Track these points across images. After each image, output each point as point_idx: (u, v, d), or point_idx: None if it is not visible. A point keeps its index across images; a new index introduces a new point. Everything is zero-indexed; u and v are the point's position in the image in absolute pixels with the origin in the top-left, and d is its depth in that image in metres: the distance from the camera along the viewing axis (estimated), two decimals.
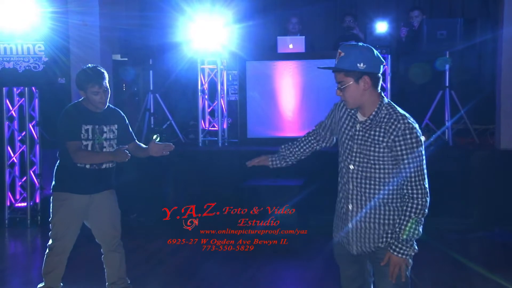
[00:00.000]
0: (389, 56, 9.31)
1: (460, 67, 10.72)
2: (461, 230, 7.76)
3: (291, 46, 9.67)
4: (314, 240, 7.32)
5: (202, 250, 7.15)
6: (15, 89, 8.53)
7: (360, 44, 3.53)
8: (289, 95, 9.41)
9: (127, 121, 5.12)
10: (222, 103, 9.70)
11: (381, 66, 3.46)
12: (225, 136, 9.63)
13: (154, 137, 5.08)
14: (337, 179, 3.76)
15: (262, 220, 7.50)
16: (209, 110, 9.84)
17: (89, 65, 4.96)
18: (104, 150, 4.90)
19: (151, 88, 10.19)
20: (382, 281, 3.49)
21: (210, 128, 9.81)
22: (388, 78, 9.22)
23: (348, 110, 3.57)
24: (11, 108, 8.55)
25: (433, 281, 5.88)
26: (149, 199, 8.55)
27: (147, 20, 11.37)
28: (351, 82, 3.40)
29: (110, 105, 5.04)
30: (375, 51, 3.44)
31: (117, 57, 10.32)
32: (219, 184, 8.34)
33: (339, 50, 3.47)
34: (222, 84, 9.73)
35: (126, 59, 10.53)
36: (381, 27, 9.89)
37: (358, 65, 3.36)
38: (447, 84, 9.16)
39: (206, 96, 9.80)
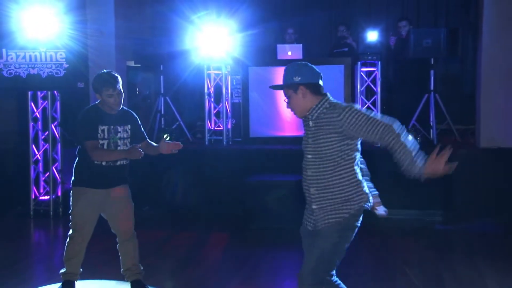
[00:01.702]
0: (379, 62, 9.32)
1: (444, 72, 10.73)
2: (444, 222, 7.82)
3: (289, 53, 9.69)
4: None
5: (207, 241, 7.22)
6: (39, 93, 8.52)
7: (298, 62, 3.81)
8: None
9: (139, 121, 5.09)
10: (227, 105, 9.69)
11: (317, 76, 3.70)
12: (229, 136, 9.62)
13: (165, 136, 5.12)
14: None
15: (262, 213, 7.61)
16: (214, 111, 9.79)
17: (104, 70, 4.96)
18: (119, 148, 4.88)
19: (162, 92, 10.22)
20: (313, 248, 3.65)
21: (215, 128, 9.77)
22: (378, 83, 9.24)
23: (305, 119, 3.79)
24: (35, 110, 8.55)
25: (420, 268, 5.85)
26: (159, 193, 8.57)
27: (158, 30, 11.42)
28: (291, 93, 3.70)
29: (124, 107, 5.03)
30: (309, 65, 3.75)
31: (131, 63, 10.35)
32: (224, 179, 8.36)
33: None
34: (226, 88, 9.72)
35: (139, 65, 10.55)
36: (372, 36, 9.93)
37: (294, 78, 3.67)
38: (432, 88, 9.18)
39: (212, 99, 9.77)
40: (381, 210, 3.84)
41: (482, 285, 5.40)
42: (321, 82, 3.72)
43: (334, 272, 3.71)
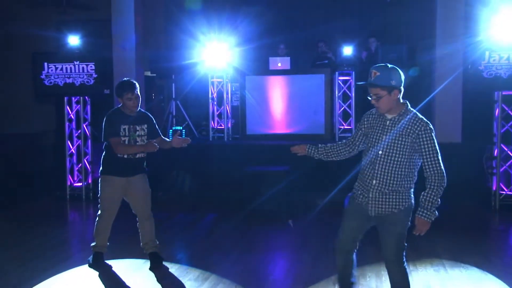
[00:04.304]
0: (354, 72, 9.38)
1: (406, 80, 10.79)
2: None
3: (279, 64, 9.70)
4: (297, 212, 7.33)
5: (211, 220, 7.24)
6: (73, 98, 8.54)
7: (390, 65, 3.55)
8: (279, 101, 9.42)
9: (154, 121, 5.09)
10: (227, 108, 9.71)
11: (403, 82, 3.51)
12: (229, 133, 9.63)
13: (178, 132, 5.13)
14: (313, 168, 3.90)
15: (257, 197, 7.65)
16: (217, 113, 9.82)
17: (125, 78, 4.98)
18: (138, 143, 4.90)
19: (173, 97, 10.25)
20: (388, 237, 3.58)
21: (218, 127, 9.79)
22: (353, 89, 9.29)
23: (377, 114, 3.62)
24: (70, 112, 8.57)
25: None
26: (172, 181, 8.59)
27: (171, 45, 11.46)
28: (385, 95, 3.46)
29: (141, 109, 5.04)
30: (399, 71, 3.51)
31: (148, 73, 10.35)
32: (225, 170, 8.37)
33: (373, 71, 3.50)
34: (227, 93, 9.75)
35: (155, 74, 10.57)
36: (347, 50, 9.95)
37: (391, 82, 3.44)
38: None
39: (215, 102, 9.79)
40: None
41: (435, 252, 5.46)
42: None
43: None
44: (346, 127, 9.38)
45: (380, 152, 3.52)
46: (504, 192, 7.52)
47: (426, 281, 4.65)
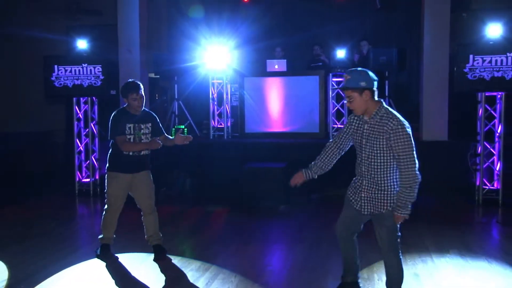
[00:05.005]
0: None
1: (396, 82, 10.78)
2: None
3: (276, 66, 9.69)
4: (293, 206, 7.37)
5: (211, 215, 7.21)
6: (81, 99, 8.53)
7: (360, 69, 3.57)
8: (276, 101, 9.41)
9: (158, 120, 5.09)
10: (227, 108, 9.70)
11: (375, 83, 3.50)
12: (229, 131, 9.63)
13: (180, 130, 5.10)
14: (308, 164, 3.90)
15: (255, 192, 7.67)
16: (217, 112, 9.81)
17: (130, 80, 4.99)
18: (142, 141, 4.90)
19: (176, 97, 10.23)
20: (380, 230, 3.62)
21: (218, 126, 9.78)
22: None
23: (357, 118, 3.62)
24: (78, 112, 8.57)
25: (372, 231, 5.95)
26: (174, 177, 8.55)
27: (173, 49, 11.46)
28: (357, 96, 3.47)
29: (146, 109, 5.04)
30: (370, 73, 3.51)
31: (152, 75, 10.35)
32: (225, 166, 8.36)
33: (345, 75, 3.53)
34: (227, 94, 9.74)
35: (158, 76, 10.58)
36: (340, 53, 9.99)
37: (361, 83, 3.45)
38: (386, 94, 9.28)
39: (215, 103, 9.77)
40: None
41: (422, 243, 5.49)
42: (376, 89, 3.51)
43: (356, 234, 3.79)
44: (339, 125, 9.39)
45: (363, 155, 3.54)
46: (487, 187, 7.56)
47: (414, 270, 4.67)
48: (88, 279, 4.59)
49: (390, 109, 3.54)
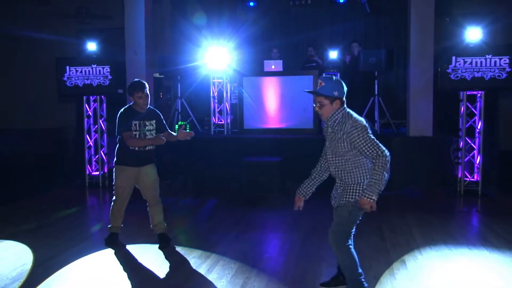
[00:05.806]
0: (339, 74, 9.39)
1: (384, 82, 10.76)
2: (384, 189, 7.88)
3: (273, 66, 9.67)
4: (289, 197, 7.34)
5: (212, 205, 7.21)
6: (91, 97, 8.54)
7: (334, 78, 3.55)
8: (272, 99, 9.37)
9: (162, 117, 5.08)
10: (227, 105, 9.68)
11: (345, 92, 3.47)
12: (229, 128, 9.61)
13: (183, 126, 5.09)
14: (303, 158, 3.89)
15: (253, 184, 7.69)
16: (218, 110, 9.77)
17: (136, 79, 4.99)
18: (147, 137, 4.90)
19: (179, 95, 10.18)
20: (334, 219, 3.57)
21: (218, 122, 9.75)
22: None
23: (324, 122, 3.59)
24: (88, 110, 8.58)
25: (365, 221, 5.90)
26: (178, 171, 8.57)
27: (177, 50, 11.42)
28: (328, 103, 3.46)
29: (150, 107, 5.04)
30: (343, 83, 3.49)
31: (157, 75, 10.30)
32: (225, 160, 8.35)
33: (320, 81, 3.49)
34: (226, 92, 9.72)
35: (163, 76, 10.53)
36: (333, 54, 9.98)
37: (334, 92, 3.43)
38: (376, 93, 9.26)
39: (216, 100, 9.73)
40: None
41: (409, 232, 5.50)
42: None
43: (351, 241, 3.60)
44: None
45: (330, 156, 3.54)
46: (468, 179, 7.60)
47: (402, 258, 4.69)
48: (98, 265, 4.60)
49: (348, 109, 3.50)
